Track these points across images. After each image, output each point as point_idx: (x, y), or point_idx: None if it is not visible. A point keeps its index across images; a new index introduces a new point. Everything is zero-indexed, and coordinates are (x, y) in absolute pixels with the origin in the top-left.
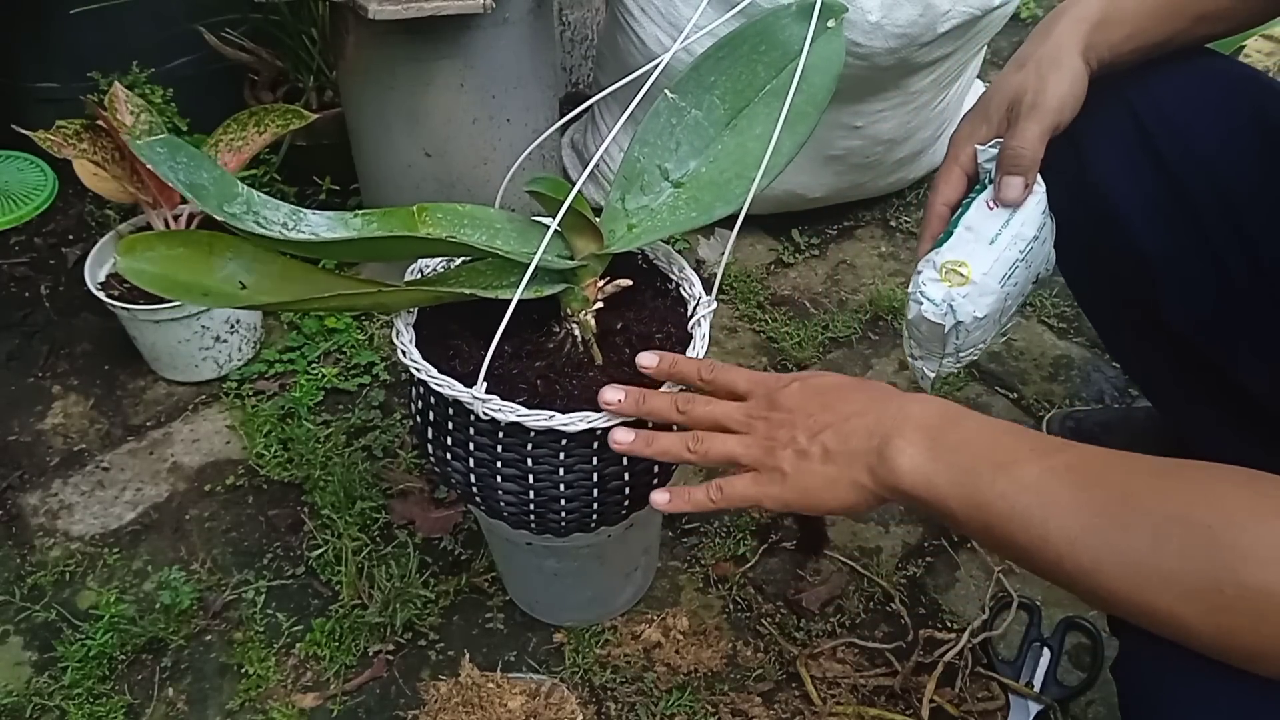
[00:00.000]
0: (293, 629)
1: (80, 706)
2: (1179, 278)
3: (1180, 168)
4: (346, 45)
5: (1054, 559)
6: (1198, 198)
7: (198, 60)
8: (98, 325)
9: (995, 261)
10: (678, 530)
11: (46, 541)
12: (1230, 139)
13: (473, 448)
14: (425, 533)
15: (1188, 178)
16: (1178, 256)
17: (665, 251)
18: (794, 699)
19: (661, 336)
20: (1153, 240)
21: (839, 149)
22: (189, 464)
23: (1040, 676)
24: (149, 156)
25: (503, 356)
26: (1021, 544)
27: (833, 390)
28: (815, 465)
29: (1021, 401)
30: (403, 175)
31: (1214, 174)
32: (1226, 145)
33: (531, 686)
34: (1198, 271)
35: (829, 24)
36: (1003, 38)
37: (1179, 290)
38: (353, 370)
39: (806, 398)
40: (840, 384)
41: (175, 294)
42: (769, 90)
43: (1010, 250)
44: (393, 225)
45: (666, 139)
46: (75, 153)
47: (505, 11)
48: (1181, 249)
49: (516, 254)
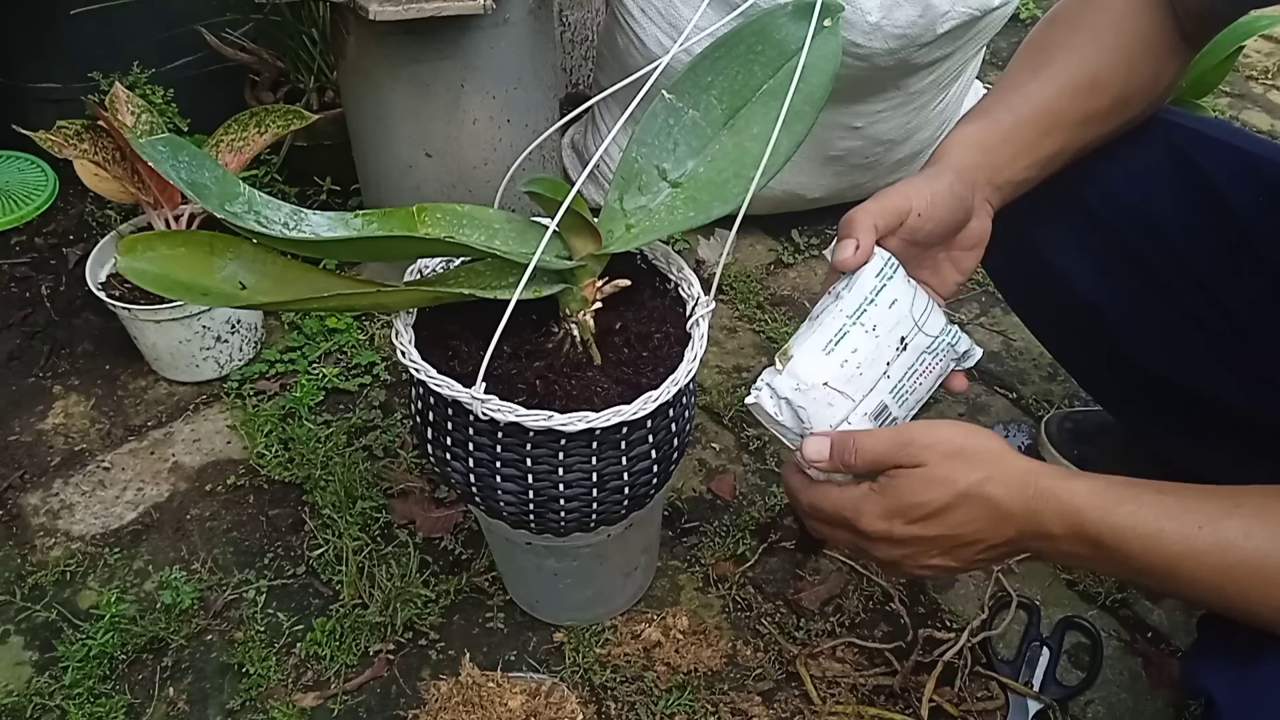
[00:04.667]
0: (293, 628)
1: (81, 706)
2: (1131, 318)
3: (1107, 214)
4: (347, 46)
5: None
6: (1131, 241)
7: (198, 61)
8: (99, 325)
9: (817, 331)
10: (678, 530)
11: (47, 541)
12: (1150, 178)
13: (472, 448)
14: (426, 532)
15: (1118, 223)
16: (1126, 299)
17: (664, 251)
18: (794, 698)
19: (660, 337)
20: (1096, 289)
21: (839, 149)
22: (190, 464)
23: (1039, 676)
24: (151, 155)
25: (502, 356)
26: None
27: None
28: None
29: (1021, 401)
30: (403, 176)
31: (1141, 215)
32: (1149, 186)
33: (532, 686)
34: (1149, 309)
35: (826, 23)
36: (1002, 38)
37: (1136, 329)
38: (353, 370)
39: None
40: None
41: (175, 294)
42: (766, 90)
43: (834, 319)
44: (392, 225)
45: (664, 139)
46: (76, 153)
47: (505, 12)
48: (1128, 291)
49: (515, 254)
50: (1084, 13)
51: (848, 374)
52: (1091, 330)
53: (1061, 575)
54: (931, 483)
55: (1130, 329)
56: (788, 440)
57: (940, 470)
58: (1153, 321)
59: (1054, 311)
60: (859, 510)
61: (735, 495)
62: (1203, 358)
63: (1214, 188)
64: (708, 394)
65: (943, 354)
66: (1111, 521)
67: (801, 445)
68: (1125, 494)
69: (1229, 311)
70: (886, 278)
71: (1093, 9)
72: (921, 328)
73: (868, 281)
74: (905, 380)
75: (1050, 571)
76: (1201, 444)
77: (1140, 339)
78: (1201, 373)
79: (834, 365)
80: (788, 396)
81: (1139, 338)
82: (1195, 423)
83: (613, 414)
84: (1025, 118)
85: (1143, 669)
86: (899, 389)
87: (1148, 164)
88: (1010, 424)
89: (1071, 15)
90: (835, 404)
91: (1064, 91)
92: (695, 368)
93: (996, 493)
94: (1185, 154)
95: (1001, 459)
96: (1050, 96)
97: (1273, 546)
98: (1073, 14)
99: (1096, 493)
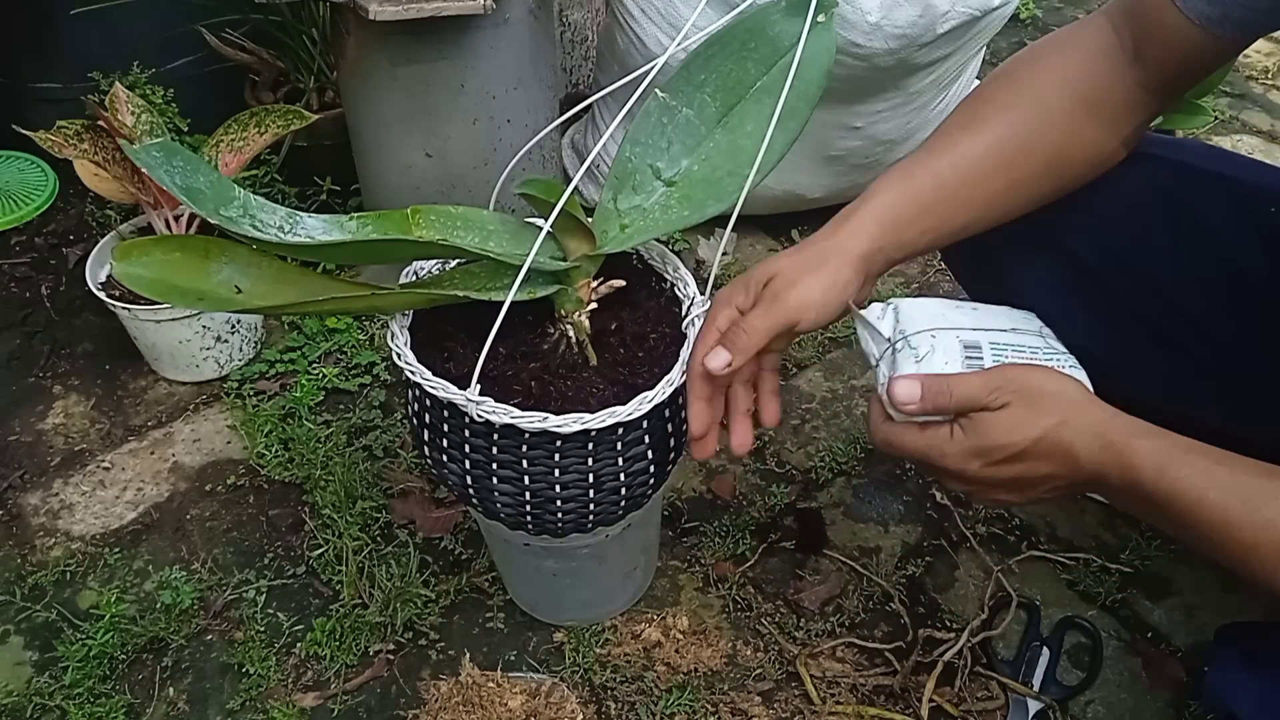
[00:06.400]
0: (293, 628)
1: (81, 706)
2: (1117, 356)
3: (1085, 250)
4: (347, 46)
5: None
6: (1112, 278)
7: (198, 61)
8: (99, 325)
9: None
10: (677, 530)
11: (47, 541)
12: (1130, 211)
13: (468, 449)
14: (426, 532)
15: (1097, 260)
16: (1109, 333)
17: (659, 251)
18: (794, 698)
19: (656, 337)
20: (1080, 328)
21: (839, 149)
22: (190, 464)
23: (1039, 676)
24: (145, 161)
25: (497, 358)
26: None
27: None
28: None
29: None
30: (403, 176)
31: (1120, 248)
32: (1129, 220)
33: (532, 686)
34: (1130, 340)
35: (820, 19)
36: (1002, 38)
37: (1124, 366)
38: (353, 370)
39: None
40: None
41: (171, 299)
42: (760, 87)
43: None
44: (387, 228)
45: (658, 138)
46: (76, 153)
47: (505, 12)
48: (1110, 325)
49: (509, 256)
50: (1031, 69)
51: (960, 312)
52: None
53: (1061, 575)
54: (1014, 426)
55: (1115, 367)
56: (873, 348)
57: (1022, 413)
58: (1134, 354)
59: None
60: (942, 452)
61: (735, 495)
62: (1187, 383)
63: (1195, 216)
64: None
65: (1059, 366)
66: (1163, 485)
67: (890, 388)
68: (1184, 459)
69: (1216, 342)
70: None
71: (1041, 66)
72: (1044, 337)
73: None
74: (1009, 349)
75: (1050, 571)
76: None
77: (1123, 370)
78: (1186, 398)
79: (953, 304)
80: (897, 304)
81: (1124, 372)
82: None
83: (608, 415)
84: (946, 185)
85: (1143, 669)
86: (1000, 350)
87: (1127, 197)
88: None
89: (1017, 71)
90: (934, 317)
91: (989, 155)
92: None
93: (1070, 438)
94: (1165, 186)
95: (1079, 405)
96: (976, 161)
97: None
98: (1020, 69)
99: (1158, 452)
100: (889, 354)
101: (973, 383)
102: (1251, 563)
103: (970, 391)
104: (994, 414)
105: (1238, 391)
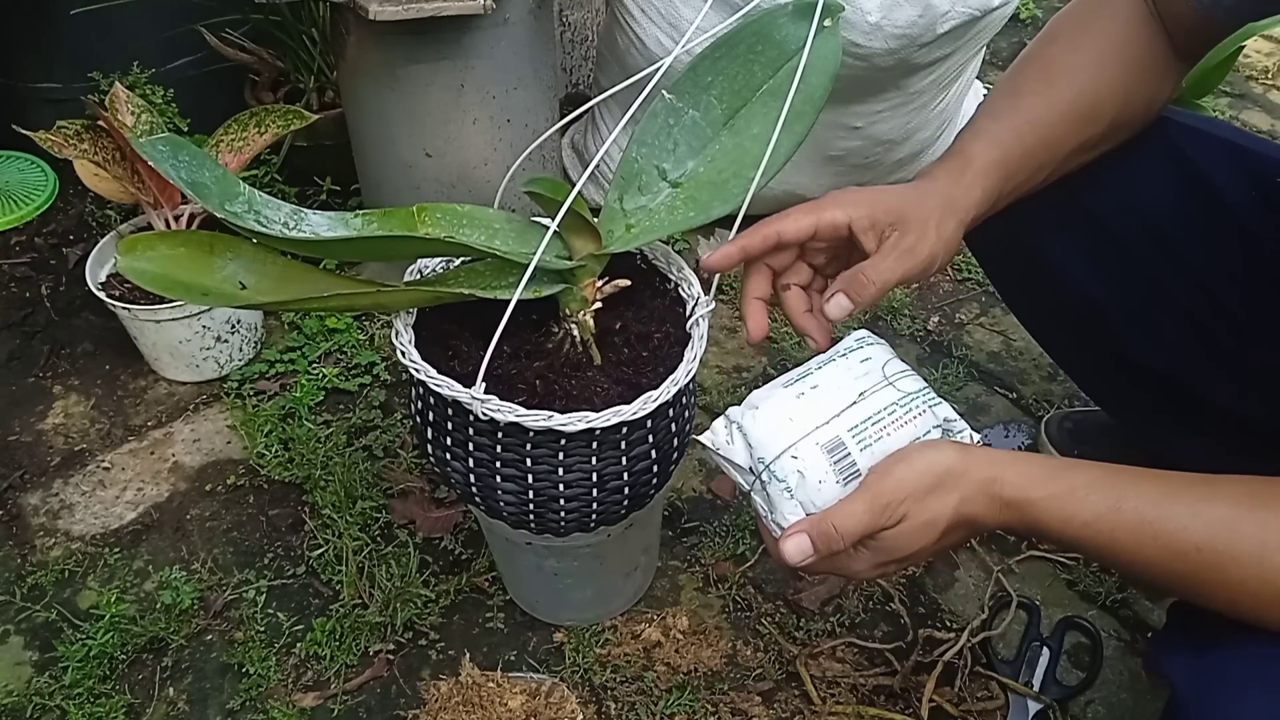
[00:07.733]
0: (293, 628)
1: (81, 706)
2: (1128, 314)
3: (1105, 212)
4: (347, 46)
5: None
6: (1128, 238)
7: (198, 61)
8: (99, 325)
9: (784, 376)
10: (677, 530)
11: (47, 541)
12: (1148, 176)
13: (472, 448)
14: (426, 532)
15: (1115, 221)
16: (1123, 295)
17: (664, 251)
18: (794, 698)
19: (660, 337)
20: (1092, 285)
21: (839, 149)
22: (190, 464)
23: (1039, 676)
24: (151, 155)
25: (502, 356)
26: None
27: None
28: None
29: (1020, 401)
30: (403, 176)
31: (1138, 212)
32: (1147, 183)
33: (532, 686)
34: (1145, 304)
35: (826, 23)
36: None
37: (1132, 325)
38: (353, 370)
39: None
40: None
41: (175, 294)
42: (766, 90)
43: (803, 367)
44: (392, 225)
45: (664, 139)
46: (76, 153)
47: (505, 12)
48: (1125, 287)
49: (515, 254)
50: (1084, 34)
51: (803, 405)
52: (1088, 327)
53: (1061, 575)
54: (917, 533)
55: (1127, 325)
56: (739, 478)
57: (921, 517)
58: (1149, 317)
59: (1050, 308)
60: (851, 570)
61: (735, 495)
62: (1197, 355)
63: (1211, 184)
64: (708, 394)
65: (918, 413)
66: (1069, 532)
67: (781, 551)
68: (1085, 502)
69: (1225, 309)
70: (866, 342)
71: (1092, 32)
72: (893, 382)
73: (845, 343)
74: (868, 425)
75: (1050, 571)
76: (1196, 443)
77: (1137, 334)
78: (1196, 370)
79: (790, 396)
80: (739, 421)
81: (1135, 333)
82: (1190, 420)
83: (613, 414)
84: (1029, 149)
85: (1143, 669)
86: (860, 432)
87: (1146, 162)
88: (1010, 424)
89: (1072, 35)
90: (784, 431)
91: (1064, 118)
92: (695, 368)
93: (969, 510)
94: (1183, 151)
95: (965, 477)
96: (1052, 123)
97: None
98: (1073, 34)
99: (1056, 499)
100: (758, 487)
101: (859, 516)
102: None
103: (861, 525)
104: (894, 530)
105: (1247, 369)
